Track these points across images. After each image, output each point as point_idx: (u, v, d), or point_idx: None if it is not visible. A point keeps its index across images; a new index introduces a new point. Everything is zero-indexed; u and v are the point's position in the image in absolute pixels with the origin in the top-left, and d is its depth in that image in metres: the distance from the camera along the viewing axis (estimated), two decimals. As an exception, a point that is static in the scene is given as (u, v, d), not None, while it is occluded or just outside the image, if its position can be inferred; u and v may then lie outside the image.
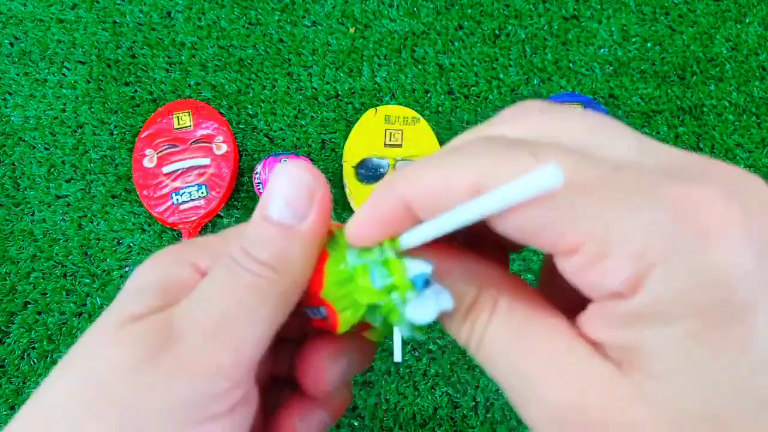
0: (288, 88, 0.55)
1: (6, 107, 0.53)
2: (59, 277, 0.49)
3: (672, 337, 0.12)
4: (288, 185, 0.17)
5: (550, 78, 0.56)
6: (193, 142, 0.51)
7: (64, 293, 0.48)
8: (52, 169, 0.52)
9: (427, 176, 0.15)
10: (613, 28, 0.58)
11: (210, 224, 0.50)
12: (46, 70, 0.54)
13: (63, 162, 0.52)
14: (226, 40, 0.56)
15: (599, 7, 0.59)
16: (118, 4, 0.57)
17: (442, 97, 0.55)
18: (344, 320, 0.17)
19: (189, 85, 0.55)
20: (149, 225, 0.50)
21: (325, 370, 0.19)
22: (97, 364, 0.16)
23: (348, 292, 0.17)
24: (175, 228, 0.49)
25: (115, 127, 0.53)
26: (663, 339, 0.12)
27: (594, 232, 0.13)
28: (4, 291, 0.48)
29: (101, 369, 0.16)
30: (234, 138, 0.52)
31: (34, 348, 0.47)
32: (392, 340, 0.46)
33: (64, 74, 0.55)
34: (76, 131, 0.53)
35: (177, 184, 0.49)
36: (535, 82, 0.56)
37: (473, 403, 0.45)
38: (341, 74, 0.55)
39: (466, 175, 0.14)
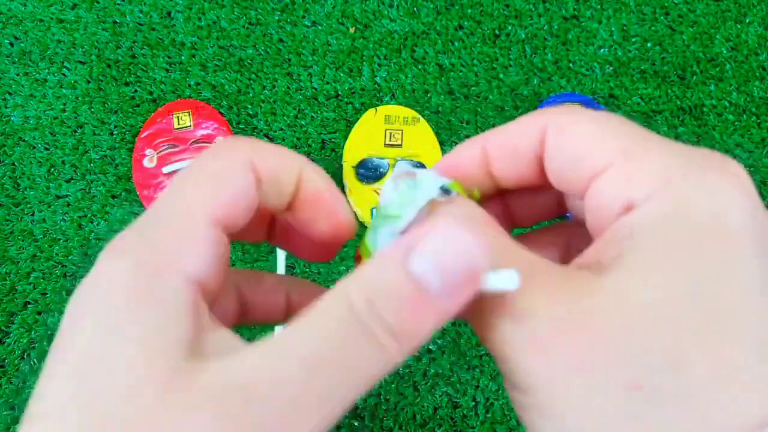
0: (288, 88, 0.55)
1: (6, 107, 0.53)
2: (59, 277, 0.49)
3: (657, 240, 0.13)
4: (450, 248, 0.13)
5: (550, 78, 0.56)
6: (193, 142, 0.51)
7: (64, 293, 0.48)
8: (52, 169, 0.52)
9: (502, 130, 0.18)
10: (613, 28, 0.58)
11: (210, 224, 0.50)
12: (46, 70, 0.54)
13: (63, 162, 0.52)
14: (226, 40, 0.56)
15: (599, 7, 0.59)
16: (118, 4, 0.57)
17: (442, 97, 0.55)
18: None
19: (189, 85, 0.55)
20: (149, 225, 0.50)
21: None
22: None
23: None
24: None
25: (115, 127, 0.53)
26: (647, 241, 0.14)
27: (628, 150, 0.15)
28: (4, 291, 0.48)
29: None
30: (234, 138, 0.52)
31: (34, 348, 0.47)
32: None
33: (64, 74, 0.55)
34: (76, 131, 0.53)
35: (177, 184, 0.49)
36: (535, 82, 0.56)
37: (473, 403, 0.45)
38: (341, 74, 0.55)
39: (534, 124, 0.17)
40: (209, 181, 0.16)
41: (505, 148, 0.18)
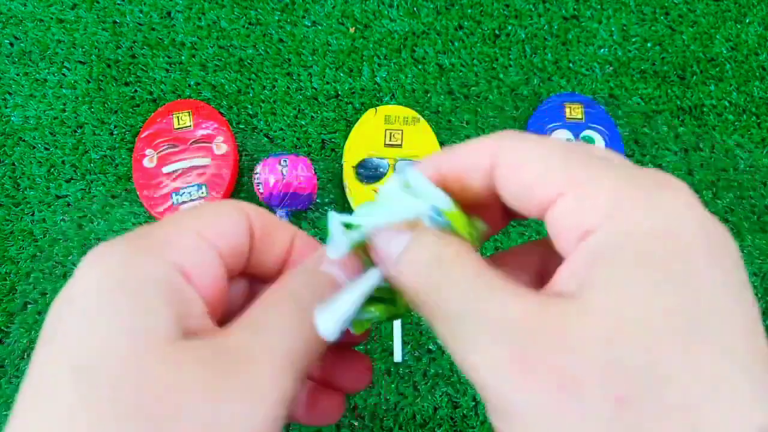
0: (288, 88, 0.55)
1: (6, 107, 0.53)
2: (59, 277, 0.49)
3: (621, 262, 0.14)
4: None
5: (550, 78, 0.56)
6: (193, 142, 0.51)
7: (64, 293, 0.48)
8: (52, 169, 0.52)
9: (452, 155, 0.19)
10: (613, 28, 0.58)
11: (210, 224, 0.50)
12: (46, 70, 0.54)
13: (63, 162, 0.52)
14: (226, 40, 0.56)
15: (599, 7, 0.59)
16: (118, 4, 0.57)
17: (442, 97, 0.55)
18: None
19: (189, 85, 0.55)
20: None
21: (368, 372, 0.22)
22: (157, 386, 0.14)
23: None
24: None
25: (115, 127, 0.53)
26: (614, 264, 0.14)
27: (575, 178, 0.15)
28: (4, 291, 0.48)
29: (167, 392, 0.14)
30: (234, 138, 0.52)
31: (34, 348, 0.47)
32: (392, 340, 0.46)
33: (64, 74, 0.55)
34: (76, 131, 0.53)
35: (177, 184, 0.49)
36: (535, 82, 0.56)
37: (473, 403, 0.45)
38: (341, 74, 0.55)
39: (483, 151, 0.18)
40: (204, 213, 0.18)
41: (457, 174, 0.18)
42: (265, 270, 0.20)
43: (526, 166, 0.16)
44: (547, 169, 0.16)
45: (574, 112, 0.54)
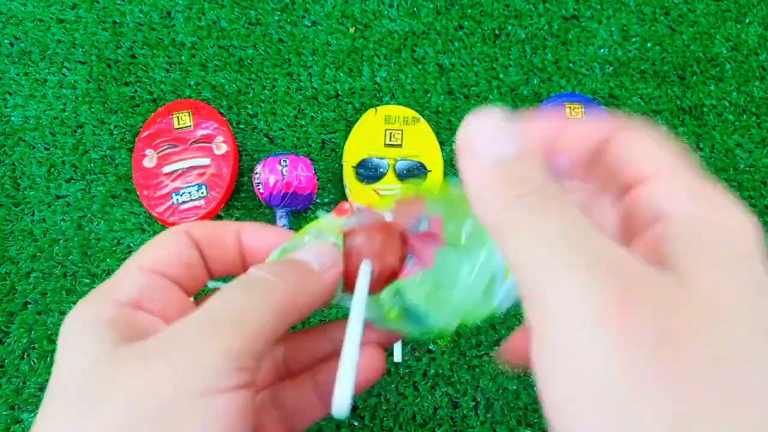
0: (288, 88, 0.55)
1: (6, 107, 0.53)
2: (59, 277, 0.49)
3: (710, 248, 0.15)
4: (322, 251, 0.22)
5: (550, 78, 0.56)
6: (193, 142, 0.51)
7: (64, 293, 0.48)
8: (52, 169, 0.52)
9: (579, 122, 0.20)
10: (613, 28, 0.58)
11: (210, 224, 0.50)
12: (46, 70, 0.54)
13: (63, 162, 0.52)
14: (226, 40, 0.56)
15: (599, 7, 0.59)
16: (118, 4, 0.57)
17: (442, 97, 0.55)
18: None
19: (189, 85, 0.55)
20: (149, 225, 0.50)
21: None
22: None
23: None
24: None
25: (115, 127, 0.53)
26: (704, 249, 0.15)
27: (673, 164, 0.17)
28: (4, 291, 0.48)
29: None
30: (234, 138, 0.52)
31: (34, 348, 0.47)
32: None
33: (64, 74, 0.55)
34: (76, 131, 0.53)
35: (177, 184, 0.49)
36: (535, 82, 0.56)
37: (473, 403, 0.45)
38: (341, 74, 0.55)
39: (607, 124, 0.19)
40: (145, 247, 0.22)
41: (577, 133, 0.19)
42: (235, 270, 0.23)
43: (641, 142, 0.18)
44: (656, 150, 0.18)
45: (574, 112, 0.54)
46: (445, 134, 0.54)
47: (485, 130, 0.17)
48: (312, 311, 0.21)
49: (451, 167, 0.53)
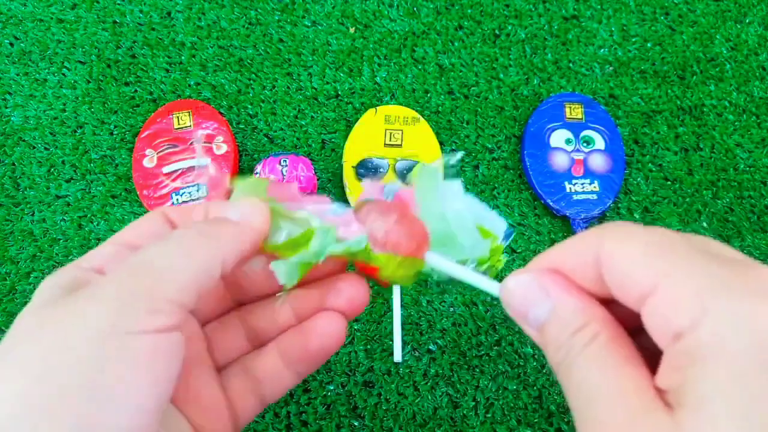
0: (288, 88, 0.55)
1: (6, 107, 0.53)
2: (59, 277, 0.49)
3: (716, 377, 0.14)
4: (244, 204, 0.24)
5: (550, 78, 0.56)
6: (193, 142, 0.51)
7: (64, 293, 0.48)
8: (52, 169, 0.52)
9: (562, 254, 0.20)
10: (613, 28, 0.58)
11: (210, 224, 0.50)
12: (46, 70, 0.54)
13: (63, 162, 0.52)
14: (226, 40, 0.56)
15: (599, 7, 0.59)
16: (118, 4, 0.57)
17: (442, 97, 0.55)
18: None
19: (189, 85, 0.55)
20: (149, 225, 0.50)
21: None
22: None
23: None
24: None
25: (115, 127, 0.53)
26: (708, 378, 0.14)
27: (667, 271, 0.16)
28: (4, 291, 0.48)
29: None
30: (234, 138, 0.52)
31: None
32: (392, 341, 0.46)
33: (64, 74, 0.55)
34: (76, 131, 0.53)
35: (177, 184, 0.49)
36: (535, 82, 0.56)
37: (473, 403, 0.45)
38: (341, 74, 0.55)
39: (589, 246, 0.19)
40: (127, 227, 0.24)
41: (573, 260, 0.20)
42: None
43: (626, 256, 0.17)
44: (645, 259, 0.16)
45: (574, 112, 0.54)
46: (445, 134, 0.54)
47: (518, 298, 0.20)
48: (238, 262, 0.22)
49: (450, 167, 0.53)
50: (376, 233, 0.24)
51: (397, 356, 0.46)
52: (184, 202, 0.49)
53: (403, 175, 0.50)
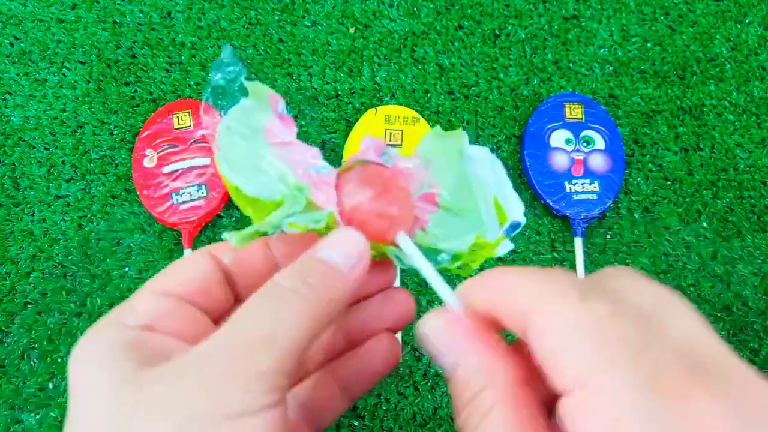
0: (288, 88, 0.55)
1: (6, 107, 0.53)
2: (59, 277, 0.49)
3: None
4: (347, 243, 0.21)
5: (550, 78, 0.56)
6: (193, 142, 0.51)
7: (64, 293, 0.48)
8: (52, 169, 0.52)
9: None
10: (613, 28, 0.58)
11: (210, 224, 0.50)
12: (46, 70, 0.54)
13: (63, 162, 0.52)
14: (226, 40, 0.56)
15: (599, 7, 0.59)
16: (118, 4, 0.57)
17: (442, 97, 0.55)
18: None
19: (189, 85, 0.55)
20: (149, 225, 0.50)
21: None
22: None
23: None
24: (175, 228, 0.49)
25: (115, 127, 0.53)
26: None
27: (583, 378, 0.15)
28: (4, 291, 0.48)
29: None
30: (234, 138, 0.52)
31: (34, 348, 0.47)
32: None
33: (64, 74, 0.55)
34: (76, 131, 0.53)
35: (177, 184, 0.49)
36: (535, 82, 0.56)
37: (473, 403, 0.45)
38: (341, 74, 0.55)
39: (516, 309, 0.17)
40: (164, 271, 0.21)
41: (501, 316, 0.18)
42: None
43: (550, 342, 0.16)
44: (565, 352, 0.15)
45: (574, 112, 0.54)
46: (445, 134, 0.54)
47: (431, 345, 0.20)
48: (339, 314, 0.20)
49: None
50: (345, 206, 0.22)
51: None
52: (183, 202, 0.49)
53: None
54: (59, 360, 0.46)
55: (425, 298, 0.48)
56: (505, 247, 0.24)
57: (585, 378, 0.14)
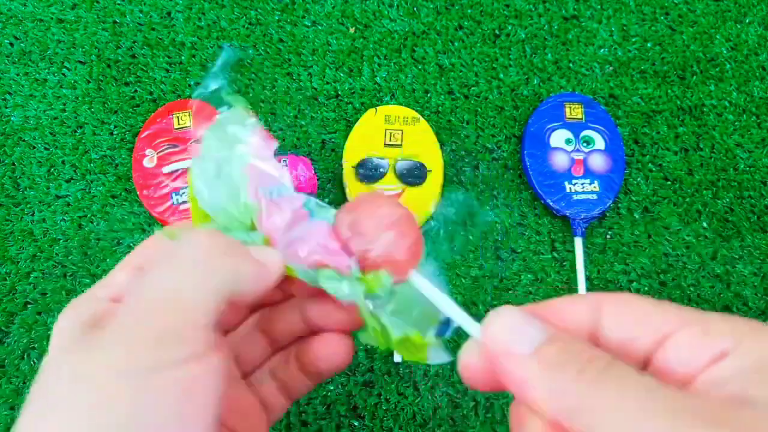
0: (288, 88, 0.55)
1: (6, 107, 0.53)
2: (59, 277, 0.49)
3: None
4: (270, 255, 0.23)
5: (550, 78, 0.56)
6: (194, 142, 0.51)
7: (64, 293, 0.48)
8: (52, 169, 0.52)
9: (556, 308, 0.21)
10: (613, 28, 0.58)
11: (210, 224, 0.50)
12: (46, 70, 0.54)
13: (63, 162, 0.52)
14: (226, 40, 0.56)
15: (599, 7, 0.59)
16: (118, 4, 0.57)
17: (442, 97, 0.55)
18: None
19: (189, 85, 0.55)
20: (149, 225, 0.50)
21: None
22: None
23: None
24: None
25: (115, 127, 0.53)
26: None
27: (683, 318, 0.18)
28: (4, 291, 0.48)
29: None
30: (234, 138, 0.52)
31: (34, 348, 0.47)
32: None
33: (64, 74, 0.55)
34: (76, 131, 0.53)
35: (177, 184, 0.49)
36: (535, 82, 0.56)
37: (473, 403, 0.45)
38: (341, 74, 0.55)
39: (586, 303, 0.20)
40: (138, 246, 0.24)
41: (569, 317, 0.20)
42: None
43: (636, 310, 0.18)
44: (655, 312, 0.18)
45: (574, 112, 0.54)
46: (445, 134, 0.54)
47: (508, 328, 0.19)
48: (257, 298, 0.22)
49: (450, 168, 0.53)
50: (356, 252, 0.23)
51: (397, 356, 0.46)
52: (183, 202, 0.49)
53: (403, 175, 0.50)
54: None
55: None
56: (437, 356, 0.24)
57: (670, 329, 0.17)
